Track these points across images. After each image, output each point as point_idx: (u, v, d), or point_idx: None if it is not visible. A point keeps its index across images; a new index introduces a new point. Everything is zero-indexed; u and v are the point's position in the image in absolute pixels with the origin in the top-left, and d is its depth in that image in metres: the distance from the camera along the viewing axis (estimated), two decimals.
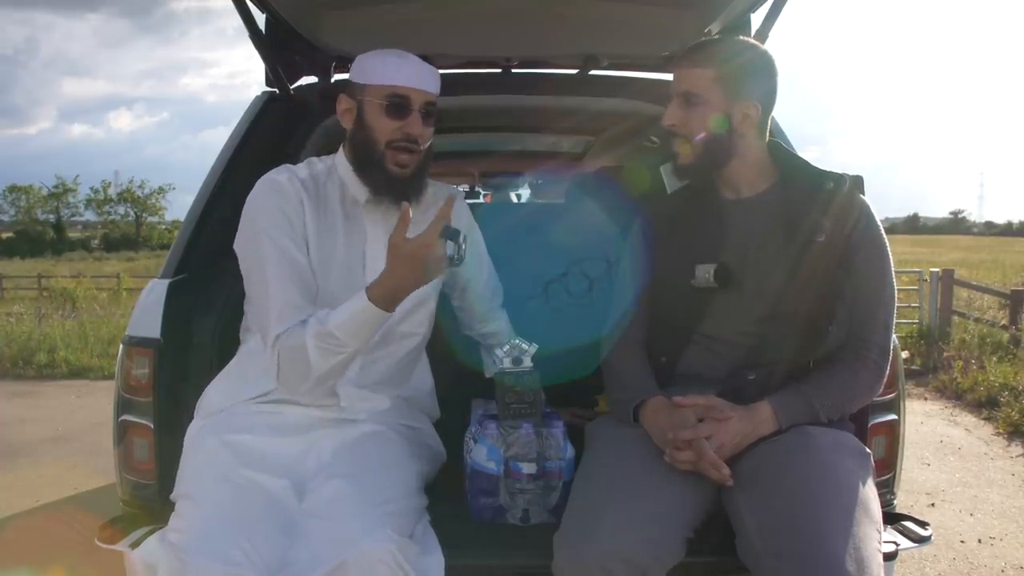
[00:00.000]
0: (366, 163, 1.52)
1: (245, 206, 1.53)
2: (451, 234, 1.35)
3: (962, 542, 3.15)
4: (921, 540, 1.52)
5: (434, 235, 1.34)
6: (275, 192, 1.51)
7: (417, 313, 1.61)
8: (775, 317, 1.44)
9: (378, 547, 1.21)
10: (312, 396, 1.49)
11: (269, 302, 1.43)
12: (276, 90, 2.12)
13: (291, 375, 1.43)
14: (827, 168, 1.52)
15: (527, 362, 1.55)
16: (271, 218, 1.48)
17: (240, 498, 1.32)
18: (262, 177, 1.55)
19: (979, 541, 3.16)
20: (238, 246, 1.53)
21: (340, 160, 1.59)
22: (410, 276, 1.36)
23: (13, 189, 58.49)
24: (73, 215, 61.59)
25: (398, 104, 1.48)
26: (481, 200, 5.80)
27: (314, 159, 1.62)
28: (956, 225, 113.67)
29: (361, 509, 1.29)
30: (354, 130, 1.54)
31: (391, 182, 1.51)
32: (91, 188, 58.87)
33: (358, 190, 1.56)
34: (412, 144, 1.50)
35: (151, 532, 1.46)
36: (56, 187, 58.36)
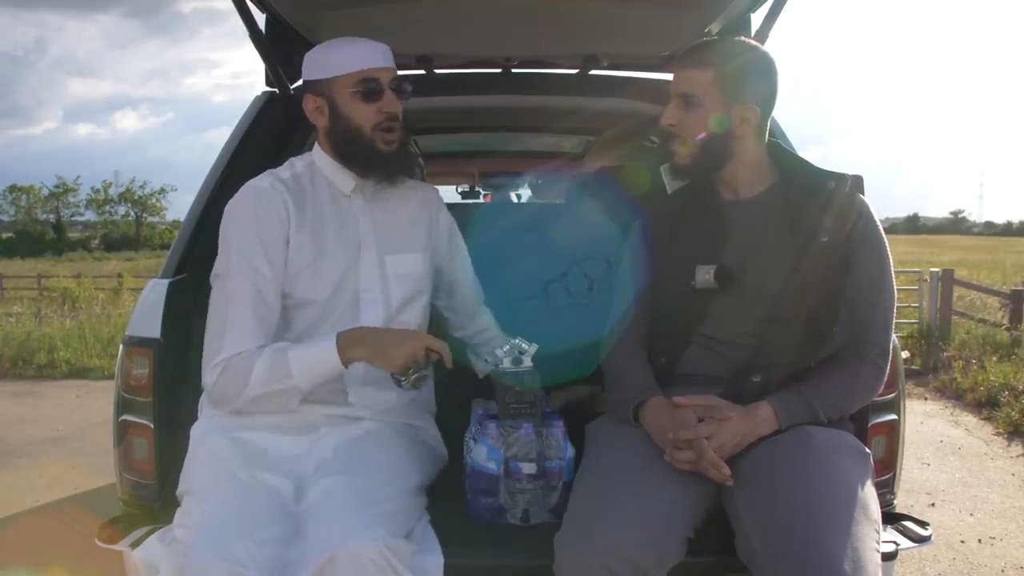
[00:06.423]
0: (354, 151, 1.54)
1: (224, 212, 1.53)
2: (417, 368, 1.42)
3: (962, 542, 3.15)
4: (921, 540, 1.53)
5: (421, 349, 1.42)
6: (254, 202, 1.51)
7: (413, 305, 1.62)
8: (775, 318, 1.44)
9: (368, 545, 1.21)
10: (320, 392, 1.48)
11: (226, 323, 1.45)
12: (276, 90, 2.12)
13: (227, 388, 1.44)
14: (828, 168, 1.51)
15: (527, 362, 1.55)
16: (243, 235, 1.48)
17: (245, 496, 1.33)
18: (244, 185, 1.55)
19: (979, 541, 3.16)
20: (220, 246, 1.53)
21: (318, 157, 1.60)
22: (380, 344, 1.41)
23: (14, 189, 58.59)
24: (73, 215, 61.78)
25: (372, 88, 1.51)
26: (481, 200, 5.79)
27: (294, 159, 1.63)
28: (956, 225, 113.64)
29: (355, 506, 1.29)
30: (331, 125, 1.54)
31: (383, 159, 1.55)
32: (92, 188, 59.05)
33: (343, 182, 1.58)
34: (394, 122, 1.54)
35: (151, 532, 1.46)
36: (57, 187, 58.48)
